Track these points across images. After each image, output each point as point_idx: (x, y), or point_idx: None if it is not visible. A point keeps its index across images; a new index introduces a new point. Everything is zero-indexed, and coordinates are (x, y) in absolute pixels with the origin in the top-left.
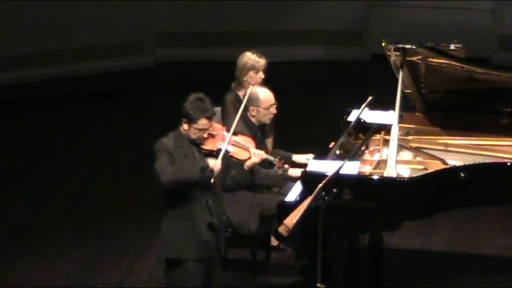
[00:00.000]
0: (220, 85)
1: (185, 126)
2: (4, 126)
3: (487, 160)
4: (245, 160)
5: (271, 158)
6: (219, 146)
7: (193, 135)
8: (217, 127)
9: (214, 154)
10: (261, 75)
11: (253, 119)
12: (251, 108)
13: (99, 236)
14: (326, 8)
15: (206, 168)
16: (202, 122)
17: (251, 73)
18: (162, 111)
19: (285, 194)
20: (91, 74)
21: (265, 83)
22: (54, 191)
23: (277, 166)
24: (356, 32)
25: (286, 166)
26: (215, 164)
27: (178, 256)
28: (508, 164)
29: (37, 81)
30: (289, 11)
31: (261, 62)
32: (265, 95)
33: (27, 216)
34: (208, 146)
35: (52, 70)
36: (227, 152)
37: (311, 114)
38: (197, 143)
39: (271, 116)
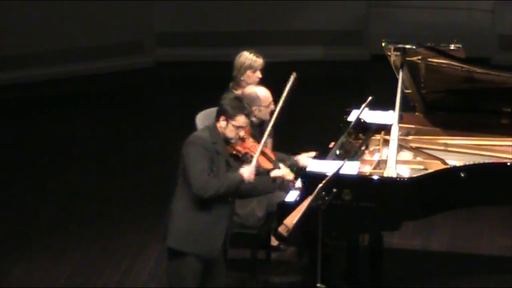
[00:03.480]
0: (220, 85)
1: (223, 124)
2: (4, 126)
3: (487, 160)
4: (267, 169)
5: (290, 177)
6: (247, 150)
7: (230, 133)
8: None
9: (240, 156)
10: (258, 74)
11: (254, 119)
12: (254, 108)
13: (99, 236)
14: (326, 8)
15: (243, 180)
16: (241, 119)
17: (248, 72)
18: (162, 111)
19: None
20: (91, 74)
21: (264, 82)
22: (54, 191)
23: (291, 185)
24: (356, 32)
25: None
26: (250, 173)
27: (183, 250)
28: (508, 164)
29: (37, 81)
30: (289, 11)
31: (259, 61)
32: (264, 93)
33: (27, 216)
34: (237, 147)
35: (52, 70)
36: (258, 160)
37: (311, 114)
38: (227, 142)
39: (270, 111)
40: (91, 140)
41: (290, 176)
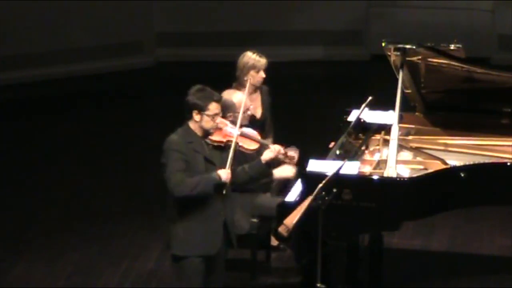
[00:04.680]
0: (220, 85)
1: (197, 118)
2: (4, 126)
3: (487, 160)
4: (254, 150)
5: (282, 151)
6: (228, 138)
7: (207, 124)
8: (222, 120)
9: (223, 146)
10: (262, 74)
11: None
12: (228, 114)
13: (99, 236)
14: (326, 8)
15: (219, 182)
16: (213, 107)
17: (252, 72)
18: (162, 111)
19: (285, 194)
20: (91, 74)
21: (265, 82)
22: (54, 191)
23: (284, 157)
24: (356, 32)
25: (292, 153)
26: (227, 176)
27: (187, 254)
28: (508, 164)
29: (37, 81)
30: (289, 11)
31: (262, 61)
32: (240, 99)
33: (27, 216)
34: (217, 138)
35: (52, 70)
36: (235, 149)
37: (311, 114)
38: (209, 134)
39: (248, 118)
40: (91, 140)
41: (281, 150)
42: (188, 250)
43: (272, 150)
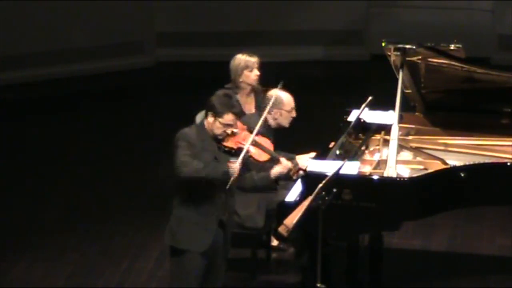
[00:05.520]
0: (220, 85)
1: (210, 119)
2: (4, 126)
3: (487, 160)
4: (264, 162)
5: (290, 166)
6: (240, 145)
7: (217, 129)
8: (239, 125)
9: (233, 152)
10: (256, 72)
11: (273, 122)
12: (275, 111)
13: (99, 236)
14: (326, 8)
15: (227, 173)
16: (228, 118)
17: (245, 72)
18: (162, 111)
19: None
20: (91, 74)
21: (264, 81)
22: (54, 191)
23: (292, 173)
24: (356, 32)
25: (301, 172)
26: (234, 169)
27: (183, 248)
28: (508, 164)
29: (37, 81)
30: (289, 11)
31: (253, 59)
32: (288, 98)
33: (27, 216)
34: (229, 143)
35: (52, 70)
36: (247, 152)
37: (311, 114)
38: (218, 139)
39: (291, 119)
40: (91, 140)
41: (289, 164)
42: (176, 242)
43: (283, 166)
